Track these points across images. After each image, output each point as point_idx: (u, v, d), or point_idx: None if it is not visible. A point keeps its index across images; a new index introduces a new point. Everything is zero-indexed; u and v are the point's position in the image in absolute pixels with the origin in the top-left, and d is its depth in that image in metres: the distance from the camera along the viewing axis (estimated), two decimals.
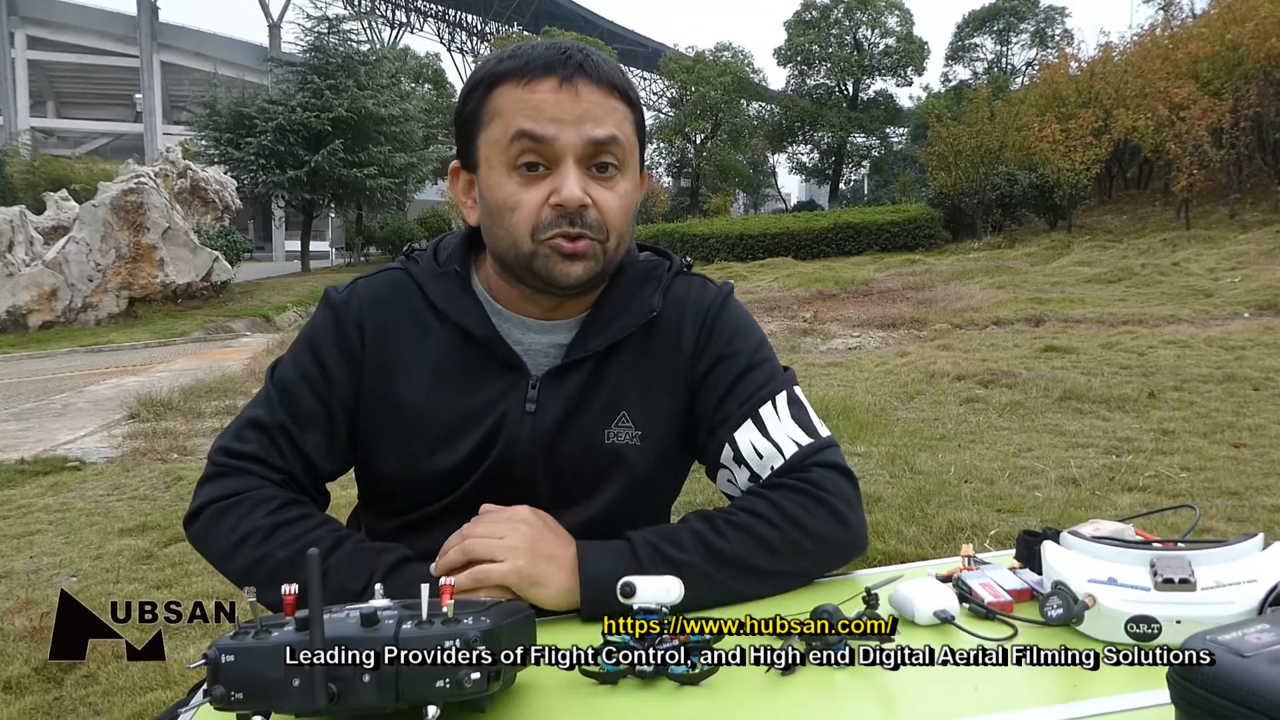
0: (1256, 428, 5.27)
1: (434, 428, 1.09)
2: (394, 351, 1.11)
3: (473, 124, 1.05)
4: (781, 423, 1.09)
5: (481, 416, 1.09)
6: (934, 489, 4.34)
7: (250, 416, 1.10)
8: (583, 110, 1.00)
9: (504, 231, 1.03)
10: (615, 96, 1.03)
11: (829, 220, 24.40)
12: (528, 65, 1.01)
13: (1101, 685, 0.78)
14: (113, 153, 39.25)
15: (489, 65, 1.05)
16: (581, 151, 1.00)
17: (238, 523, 1.03)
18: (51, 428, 7.33)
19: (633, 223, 1.10)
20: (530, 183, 1.01)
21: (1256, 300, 10.46)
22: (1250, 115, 18.09)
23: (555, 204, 1.00)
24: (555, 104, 0.99)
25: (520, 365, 1.10)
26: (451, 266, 1.12)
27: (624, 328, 1.11)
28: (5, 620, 3.17)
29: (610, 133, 1.01)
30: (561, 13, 54.64)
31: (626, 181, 1.06)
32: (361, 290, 1.14)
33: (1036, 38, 44.31)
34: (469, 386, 1.09)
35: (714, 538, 1.00)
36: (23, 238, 15.13)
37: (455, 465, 1.09)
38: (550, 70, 1.00)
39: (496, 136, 1.02)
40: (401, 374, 1.10)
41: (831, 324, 11.46)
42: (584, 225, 1.01)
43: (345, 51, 25.40)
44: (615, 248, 1.06)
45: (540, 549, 0.97)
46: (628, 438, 1.11)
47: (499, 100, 1.02)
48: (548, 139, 0.99)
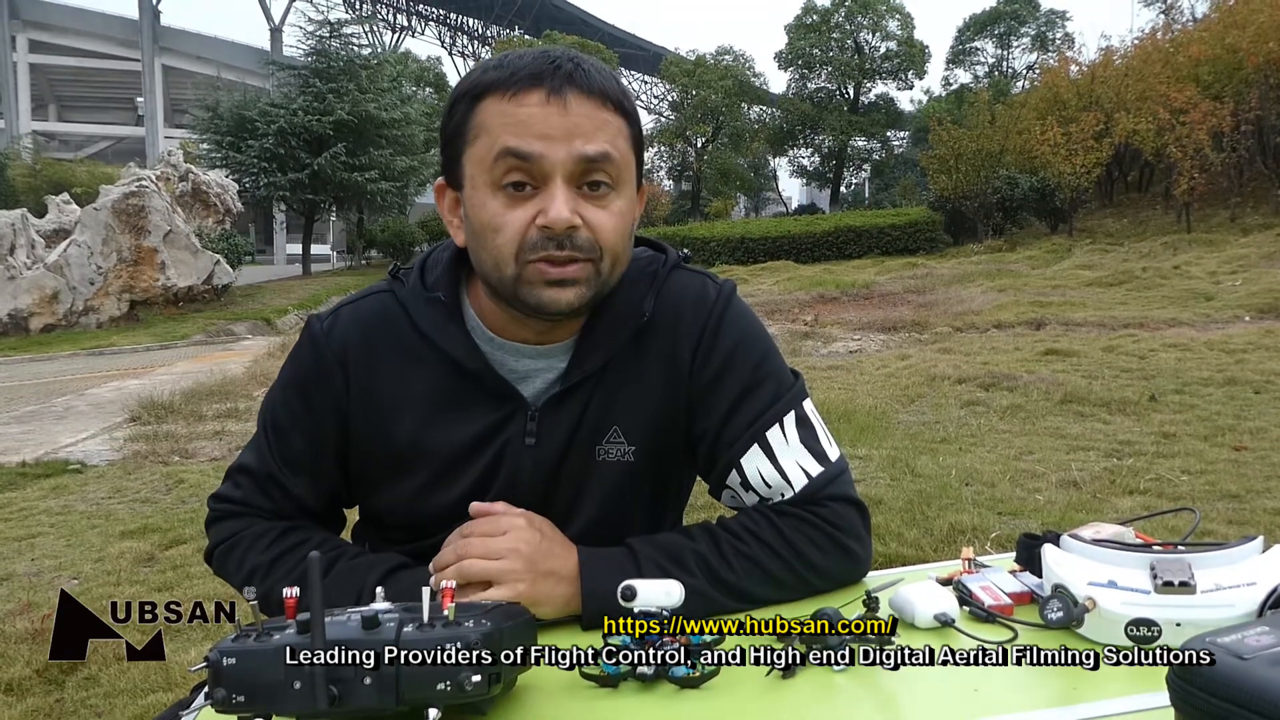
0: (1257, 431, 5.27)
1: (429, 465, 1.05)
2: (383, 386, 1.05)
3: (457, 140, 0.98)
4: (790, 448, 1.04)
5: (480, 450, 1.04)
6: (935, 492, 4.34)
7: (241, 463, 1.11)
8: (572, 125, 0.93)
9: (488, 254, 0.96)
10: (608, 108, 0.96)
11: (830, 224, 24.40)
12: (513, 76, 0.93)
13: (1101, 687, 0.78)
14: (114, 156, 39.33)
15: (474, 75, 0.98)
16: (571, 169, 0.93)
17: (241, 562, 1.06)
18: (53, 430, 7.33)
19: (631, 245, 1.03)
20: (516, 203, 0.94)
21: (1257, 304, 10.45)
22: (1251, 119, 18.11)
23: (542, 225, 0.93)
24: (543, 118, 0.92)
25: (516, 396, 1.04)
26: (438, 293, 1.05)
27: (616, 338, 1.05)
28: (7, 622, 3.17)
29: (602, 149, 0.94)
30: (563, 16, 54.66)
31: (621, 199, 0.98)
32: (345, 319, 1.08)
33: (1037, 41, 44.32)
34: (464, 419, 1.04)
35: (720, 565, 0.98)
36: (24, 241, 15.15)
37: (454, 502, 1.04)
38: (537, 81, 0.93)
39: (481, 154, 0.95)
40: (392, 409, 1.05)
41: (832, 327, 11.46)
42: (574, 247, 0.94)
43: (347, 55, 25.41)
44: (610, 269, 0.98)
45: (540, 565, 0.94)
46: (620, 454, 1.06)
47: (484, 114, 0.95)
48: (534, 156, 0.92)
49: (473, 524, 0.99)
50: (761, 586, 1.00)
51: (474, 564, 0.94)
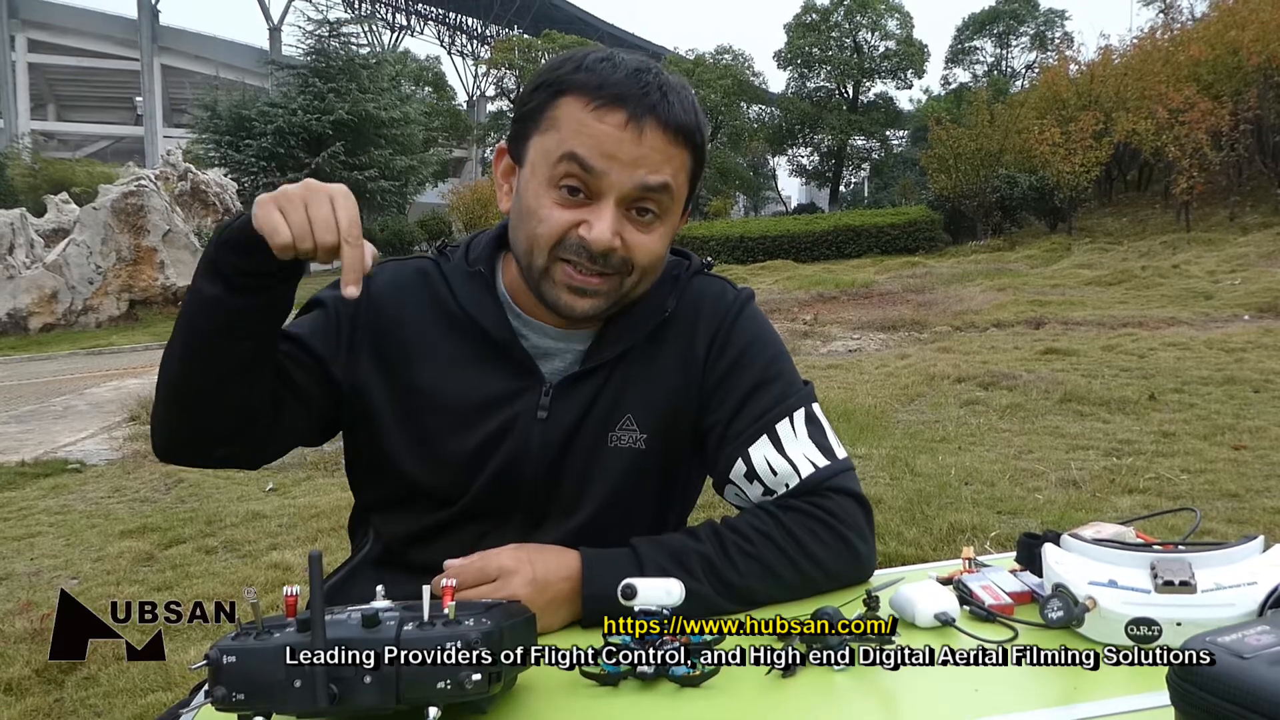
0: (1257, 430, 5.26)
1: (446, 412, 1.07)
2: (410, 335, 1.09)
3: (529, 122, 1.00)
4: (798, 440, 1.06)
5: (493, 410, 1.07)
6: (934, 491, 4.34)
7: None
8: (641, 155, 0.96)
9: (526, 237, 1.01)
10: (680, 143, 0.99)
11: (829, 223, 24.38)
12: (601, 88, 0.96)
13: (1101, 687, 0.78)
14: (113, 155, 39.32)
15: (565, 68, 0.99)
16: (627, 194, 0.97)
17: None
18: (52, 430, 7.33)
19: (662, 265, 1.07)
20: (567, 205, 0.98)
21: (1256, 303, 10.45)
22: (1250, 118, 18.09)
23: (583, 237, 0.97)
24: (616, 140, 0.95)
25: (535, 370, 1.08)
26: (478, 266, 1.10)
27: (637, 331, 1.09)
28: (6, 622, 3.17)
29: (663, 180, 0.98)
30: (561, 16, 54.64)
31: (665, 225, 1.02)
32: (389, 270, 1.13)
33: (1036, 41, 44.33)
34: (482, 382, 1.07)
35: (724, 566, 0.99)
36: (23, 240, 15.15)
37: (465, 454, 1.06)
38: (621, 103, 0.95)
39: (549, 147, 0.98)
40: (414, 357, 1.08)
41: (832, 326, 11.46)
42: (605, 264, 0.99)
43: (346, 55, 25.43)
44: (635, 284, 1.04)
45: (538, 599, 0.92)
46: (631, 440, 1.08)
47: (562, 111, 0.97)
48: (597, 172, 0.95)
49: (466, 567, 0.95)
50: (766, 587, 1.00)
51: (472, 566, 0.94)
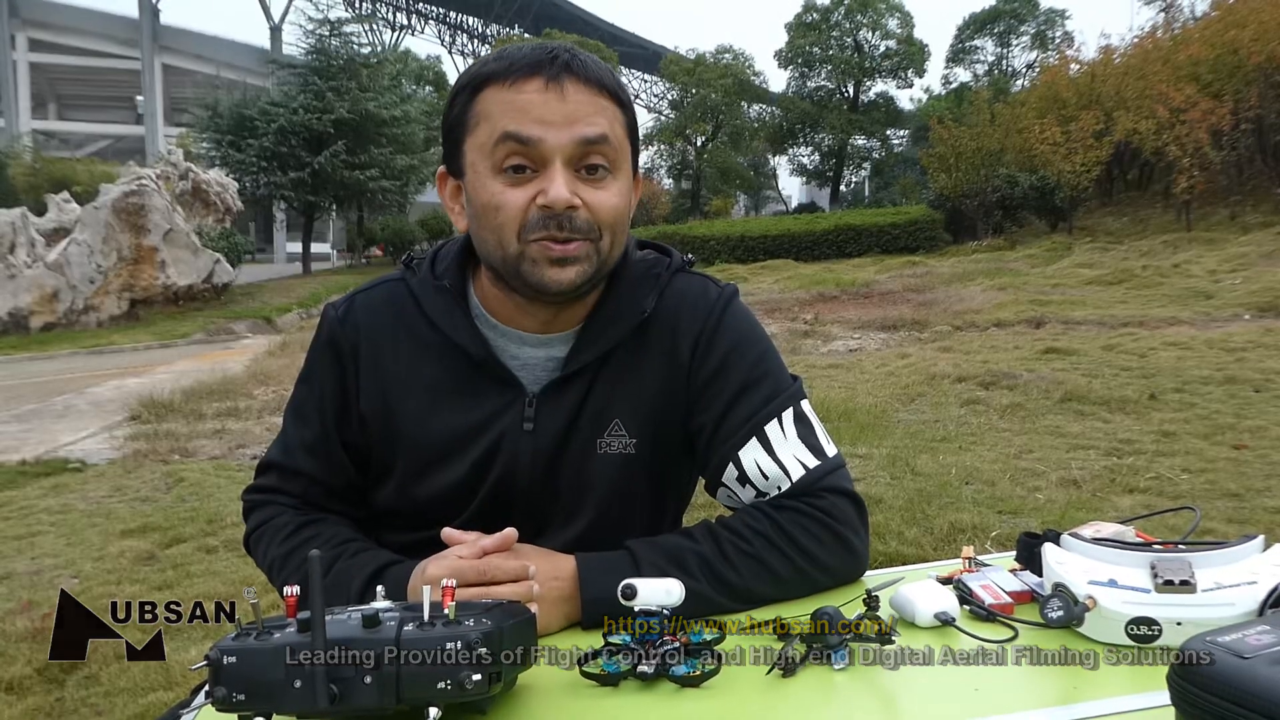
0: (1257, 429, 5.26)
1: (429, 450, 1.08)
2: (391, 371, 1.09)
3: (459, 128, 1.02)
4: (788, 442, 1.06)
5: (478, 436, 1.07)
6: (935, 490, 4.34)
7: (268, 457, 1.17)
8: (570, 110, 0.96)
9: (490, 233, 1.00)
10: (604, 96, 1.00)
11: (830, 222, 24.39)
12: (512, 66, 0.98)
13: (1101, 686, 0.78)
14: (114, 155, 39.27)
15: (474, 68, 1.02)
16: (570, 153, 0.97)
17: (264, 554, 1.11)
18: (53, 429, 7.33)
19: (628, 226, 1.06)
20: (518, 184, 0.97)
21: (1257, 302, 10.44)
22: (1250, 117, 18.09)
23: (542, 205, 0.96)
24: (542, 104, 0.96)
25: (515, 383, 1.07)
26: (445, 280, 1.09)
27: (616, 333, 1.07)
28: (7, 621, 3.17)
29: (600, 132, 0.98)
30: (562, 15, 54.60)
31: (618, 182, 1.02)
32: (359, 306, 1.13)
33: (1037, 40, 44.25)
34: (465, 405, 1.07)
35: (722, 566, 0.99)
36: (24, 239, 15.13)
37: (458, 482, 1.07)
38: (536, 70, 0.97)
39: (482, 140, 0.98)
40: (399, 394, 1.09)
41: (832, 326, 11.46)
42: (573, 228, 0.97)
43: (347, 54, 25.42)
44: (609, 248, 1.02)
45: (539, 606, 0.92)
46: (620, 446, 1.08)
47: (484, 103, 0.99)
48: (534, 140, 0.96)
49: (462, 566, 0.94)
50: (763, 585, 1.00)
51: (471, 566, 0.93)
